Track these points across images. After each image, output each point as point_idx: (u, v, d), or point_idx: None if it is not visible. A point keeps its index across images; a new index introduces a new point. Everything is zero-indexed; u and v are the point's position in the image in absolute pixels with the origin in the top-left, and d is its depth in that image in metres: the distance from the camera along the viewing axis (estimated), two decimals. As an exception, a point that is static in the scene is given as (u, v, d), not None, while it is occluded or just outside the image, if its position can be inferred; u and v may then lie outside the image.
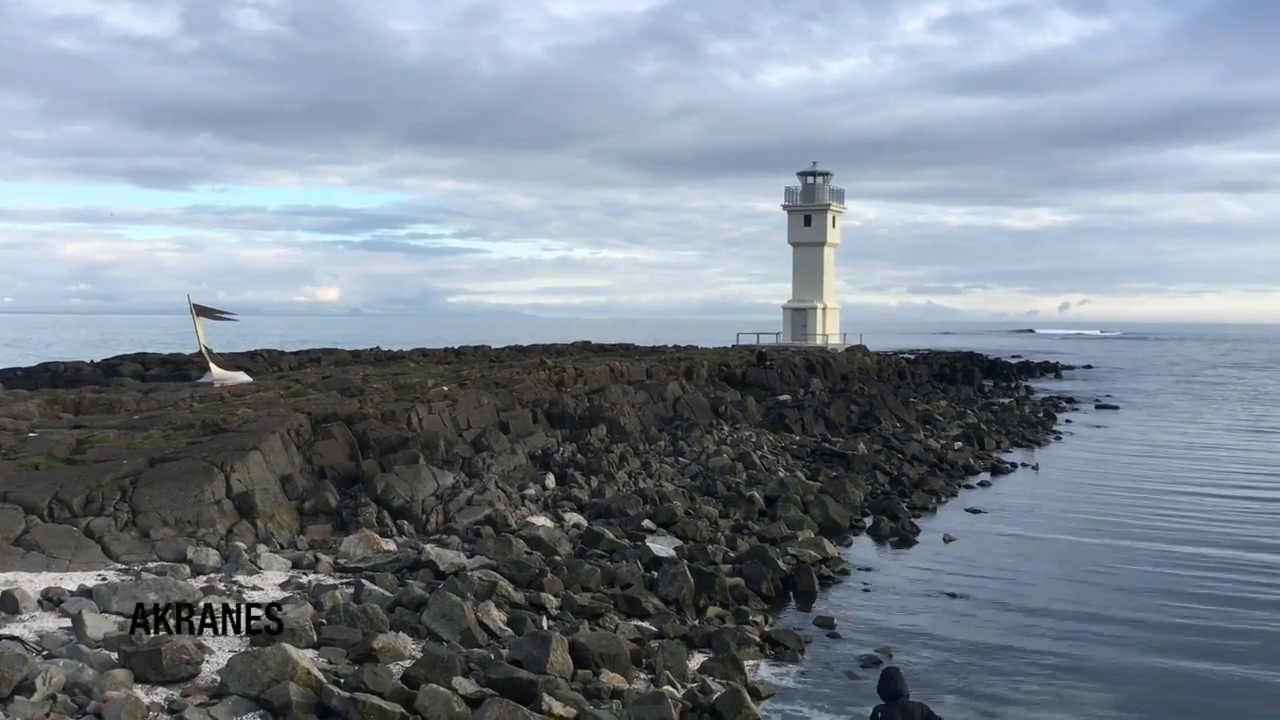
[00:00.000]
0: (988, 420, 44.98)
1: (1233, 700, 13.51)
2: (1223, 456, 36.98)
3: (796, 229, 69.60)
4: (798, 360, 53.33)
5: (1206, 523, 24.86)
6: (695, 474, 26.95)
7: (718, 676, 13.21)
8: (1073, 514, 26.04)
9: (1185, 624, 16.77)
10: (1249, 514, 26.00)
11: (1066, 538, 23.31)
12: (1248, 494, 28.97)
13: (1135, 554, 21.61)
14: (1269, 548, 22.19)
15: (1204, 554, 21.59)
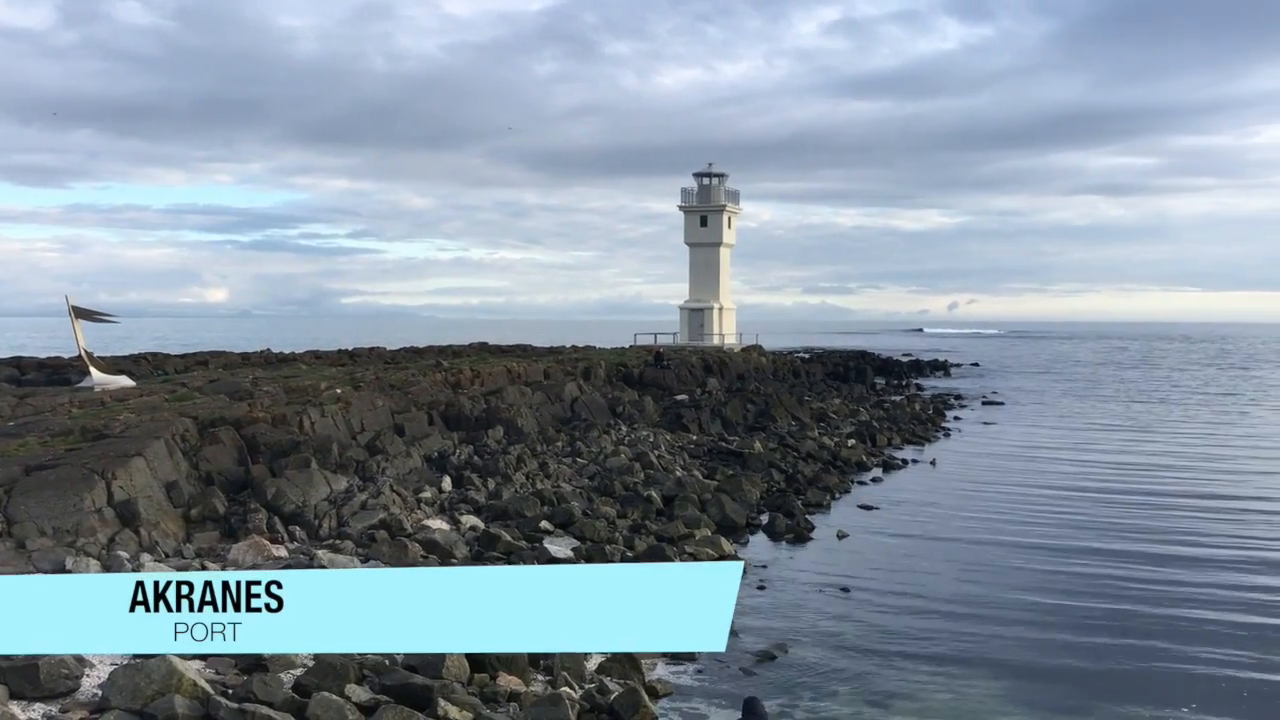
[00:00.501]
0: (880, 418, 45.91)
1: (1114, 689, 14.00)
2: (1101, 453, 38.34)
3: (693, 230, 70.13)
4: (695, 360, 53.74)
5: (1088, 518, 25.72)
6: (593, 474, 26.96)
7: (615, 677, 13.24)
8: (962, 509, 26.74)
9: (1068, 617, 17.35)
10: (1128, 509, 27.00)
11: (957, 532, 23.92)
12: (1126, 490, 30.07)
13: (1022, 549, 22.27)
14: (1148, 540, 23.08)
15: (1087, 548, 22.36)
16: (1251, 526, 24.10)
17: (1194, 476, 31.86)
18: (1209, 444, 40.15)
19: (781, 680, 13.89)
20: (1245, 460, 35.55)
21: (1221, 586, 18.90)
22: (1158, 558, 21.14)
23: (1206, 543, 22.40)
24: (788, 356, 72.19)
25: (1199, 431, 44.76)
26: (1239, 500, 27.55)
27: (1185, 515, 25.47)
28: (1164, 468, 33.61)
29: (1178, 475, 31.88)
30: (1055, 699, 13.53)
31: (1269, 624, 16.64)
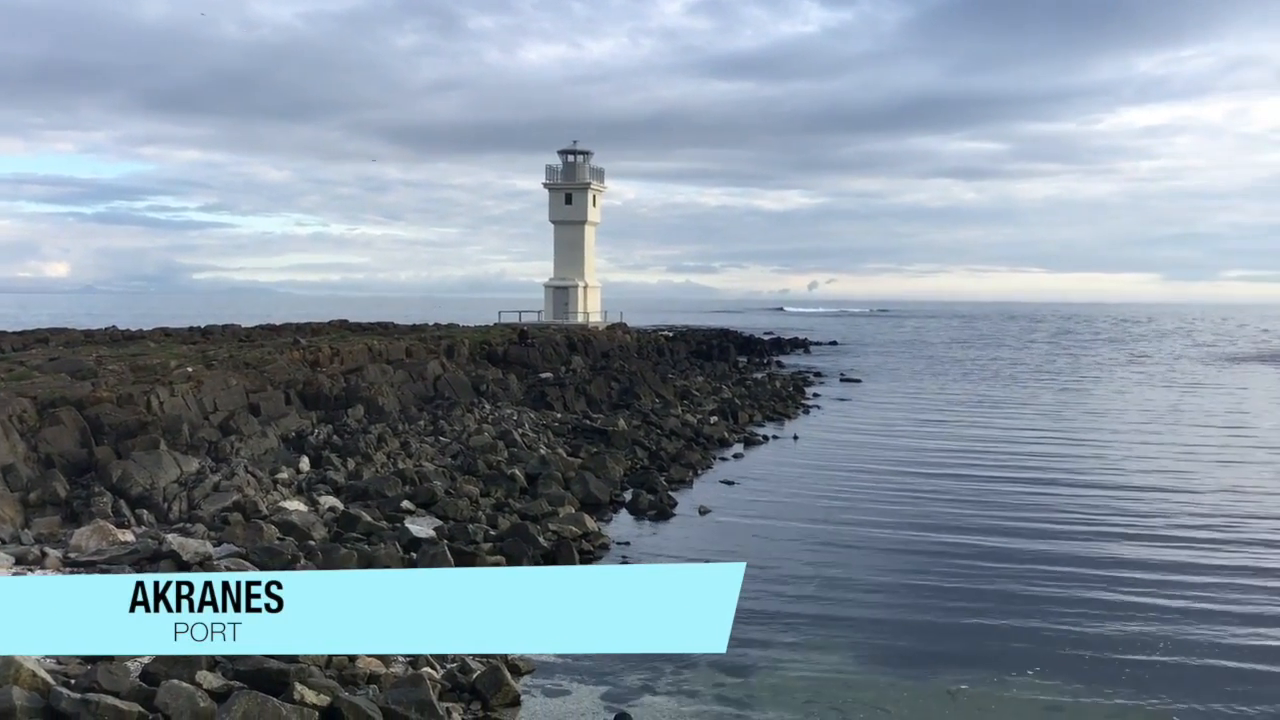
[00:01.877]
0: (742, 395, 46.65)
1: (967, 657, 14.59)
2: (953, 429, 39.78)
3: (558, 207, 69.88)
4: (559, 338, 53.63)
5: (941, 492, 26.66)
6: (456, 453, 26.71)
7: (478, 655, 13.17)
8: (821, 484, 27.42)
9: (922, 588, 18.00)
10: (978, 484, 28.10)
11: (815, 507, 24.52)
12: (976, 466, 31.30)
13: (878, 523, 22.95)
14: (998, 513, 24.07)
15: (940, 521, 23.20)
16: (1094, 499, 25.29)
17: (1040, 452, 33.32)
18: (1053, 421, 42.04)
19: (645, 656, 14.02)
20: (1087, 436, 37.33)
21: (1067, 559, 19.84)
22: (1007, 530, 22.05)
23: (1053, 517, 23.45)
24: (652, 334, 72.69)
25: (1043, 408, 46.84)
26: (1082, 475, 28.91)
27: (1031, 490, 26.60)
28: (1012, 443, 35.05)
29: (1025, 451, 33.27)
30: (910, 667, 14.02)
31: (1112, 597, 17.54)
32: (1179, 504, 24.59)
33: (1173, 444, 34.94)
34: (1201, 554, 19.86)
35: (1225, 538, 21.09)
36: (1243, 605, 16.70)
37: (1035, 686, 13.30)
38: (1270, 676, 13.75)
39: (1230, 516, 23.19)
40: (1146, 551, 20.08)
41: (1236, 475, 28.69)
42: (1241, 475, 28.70)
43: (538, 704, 12.47)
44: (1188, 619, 15.93)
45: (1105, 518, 23.03)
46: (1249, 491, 26.29)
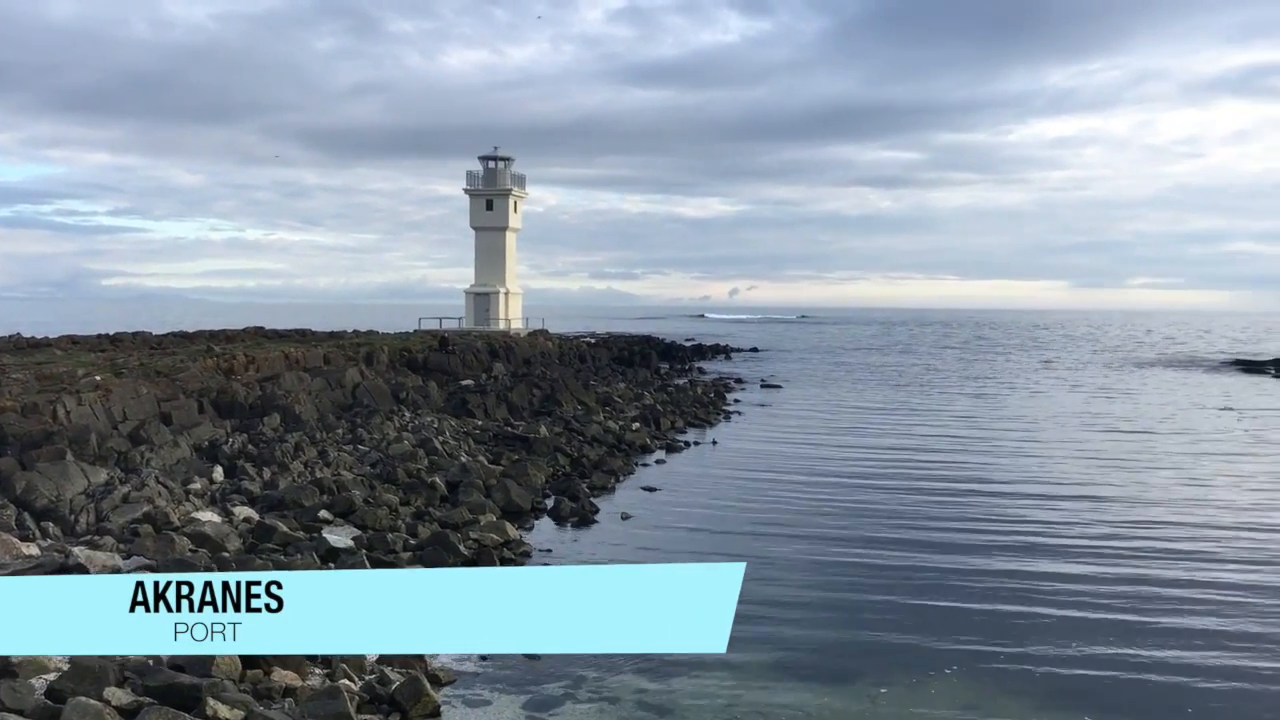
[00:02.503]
0: (663, 401, 46.81)
1: (883, 663, 14.80)
2: (872, 435, 40.36)
3: (478, 213, 69.54)
4: (480, 345, 53.29)
5: (859, 500, 27.02)
6: (375, 462, 26.38)
7: (397, 666, 13.02)
8: (741, 489, 27.62)
9: (839, 594, 18.23)
10: (896, 485, 28.53)
11: (735, 512, 24.69)
12: (893, 472, 31.81)
13: (797, 528, 23.18)
14: (914, 514, 24.49)
15: (859, 531, 23.53)
16: (1008, 507, 25.75)
17: (954, 460, 33.94)
18: (968, 427, 42.82)
19: (565, 665, 13.98)
20: (1001, 443, 38.09)
21: (983, 565, 20.23)
22: (924, 538, 22.41)
23: (967, 524, 23.81)
24: (574, 341, 72.60)
25: (959, 415, 47.70)
26: (996, 483, 29.47)
27: (947, 497, 26.98)
28: (928, 450, 35.64)
29: (940, 459, 33.81)
30: (830, 673, 14.14)
31: (1026, 603, 17.92)
32: (1089, 512, 25.22)
33: (1083, 450, 35.84)
34: (1110, 564, 20.38)
35: (1135, 547, 21.62)
36: (1150, 616, 17.16)
37: (953, 688, 13.53)
38: (1172, 687, 14.13)
39: (1139, 524, 23.84)
40: (1058, 560, 20.55)
41: (1144, 481, 29.52)
42: (1149, 481, 29.52)
43: (458, 714, 12.36)
44: (1098, 626, 16.33)
45: (1019, 525, 23.48)
46: (1157, 499, 27.06)
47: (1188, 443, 37.39)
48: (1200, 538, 22.00)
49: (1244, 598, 17.58)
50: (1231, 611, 16.79)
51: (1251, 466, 31.88)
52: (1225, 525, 23.32)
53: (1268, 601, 17.39)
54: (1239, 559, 20.21)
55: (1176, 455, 34.22)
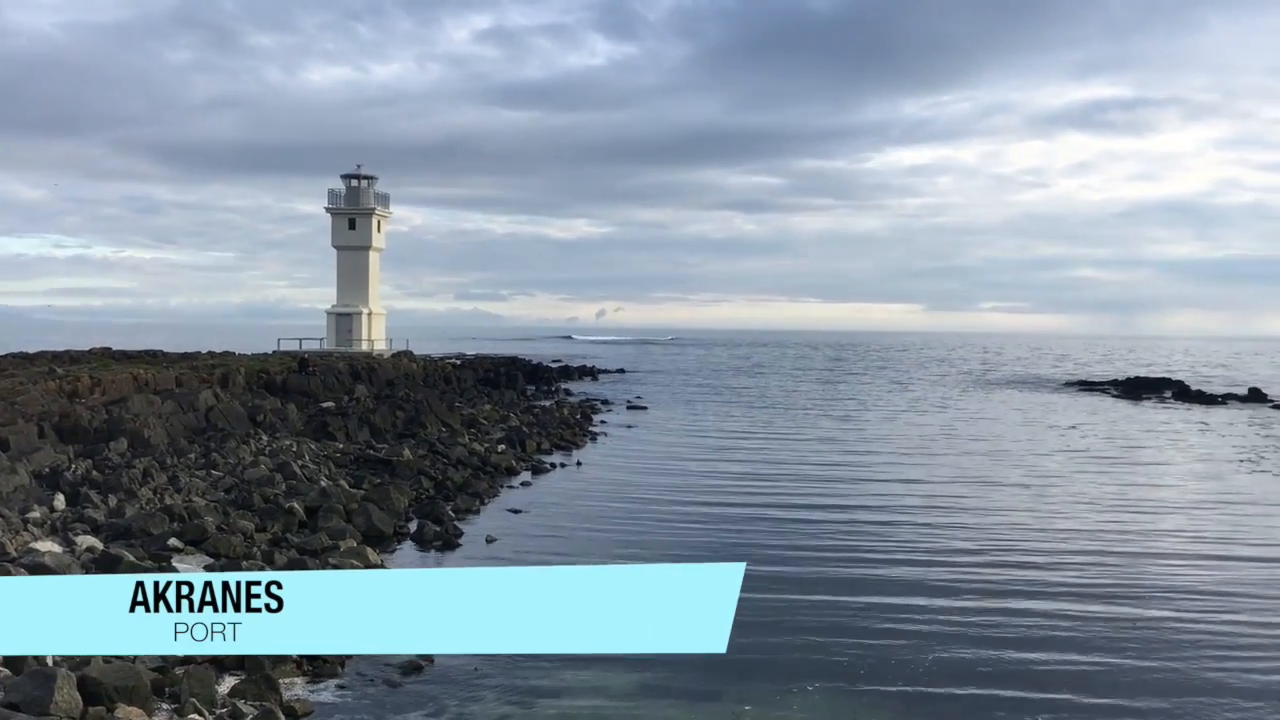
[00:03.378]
0: (529, 423, 46.55)
1: (748, 667, 14.92)
2: (736, 453, 40.91)
3: (341, 232, 68.27)
4: (342, 366, 52.17)
5: (725, 514, 27.37)
6: (229, 487, 25.51)
7: (250, 699, 12.57)
8: (606, 511, 27.62)
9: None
10: (759, 505, 28.97)
11: (600, 533, 24.68)
12: (757, 487, 32.31)
13: (662, 546, 23.31)
14: (778, 533, 24.88)
15: (722, 539, 23.81)
16: (868, 523, 26.41)
17: (816, 476, 34.72)
18: (829, 447, 43.77)
19: (428, 691, 13.73)
20: (860, 462, 39.06)
21: (843, 579, 20.67)
22: (784, 554, 22.76)
23: (828, 541, 24.36)
24: (439, 362, 71.71)
25: (820, 435, 48.72)
26: (854, 499, 30.19)
27: (809, 516, 27.48)
28: (790, 470, 36.34)
29: (803, 474, 34.53)
30: (693, 692, 14.17)
31: (884, 615, 18.33)
32: (947, 528, 26.04)
33: (939, 467, 37.02)
34: (969, 573, 21.06)
35: (990, 560, 22.42)
36: (1001, 628, 17.76)
37: (814, 702, 13.74)
38: (1028, 701, 14.63)
39: (992, 538, 24.74)
40: (917, 572, 21.13)
41: (994, 498, 30.67)
42: (999, 498, 30.67)
43: (315, 747, 11.99)
44: (954, 638, 16.81)
45: (878, 540, 24.10)
46: (1008, 513, 28.12)
47: (1035, 460, 38.99)
48: (1049, 550, 22.91)
49: (1092, 601, 18.35)
50: (1080, 614, 17.51)
51: (1091, 487, 33.40)
52: (1070, 532, 24.35)
53: (1116, 606, 18.20)
54: (1085, 563, 21.11)
55: (1026, 471, 35.63)
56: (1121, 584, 20.08)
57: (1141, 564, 21.77)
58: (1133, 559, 22.25)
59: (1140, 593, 19.40)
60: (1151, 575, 20.80)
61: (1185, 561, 22.15)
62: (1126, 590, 19.61)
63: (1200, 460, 39.97)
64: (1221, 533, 25.32)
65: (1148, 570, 21.21)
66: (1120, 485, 32.89)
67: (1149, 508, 28.85)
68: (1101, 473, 35.77)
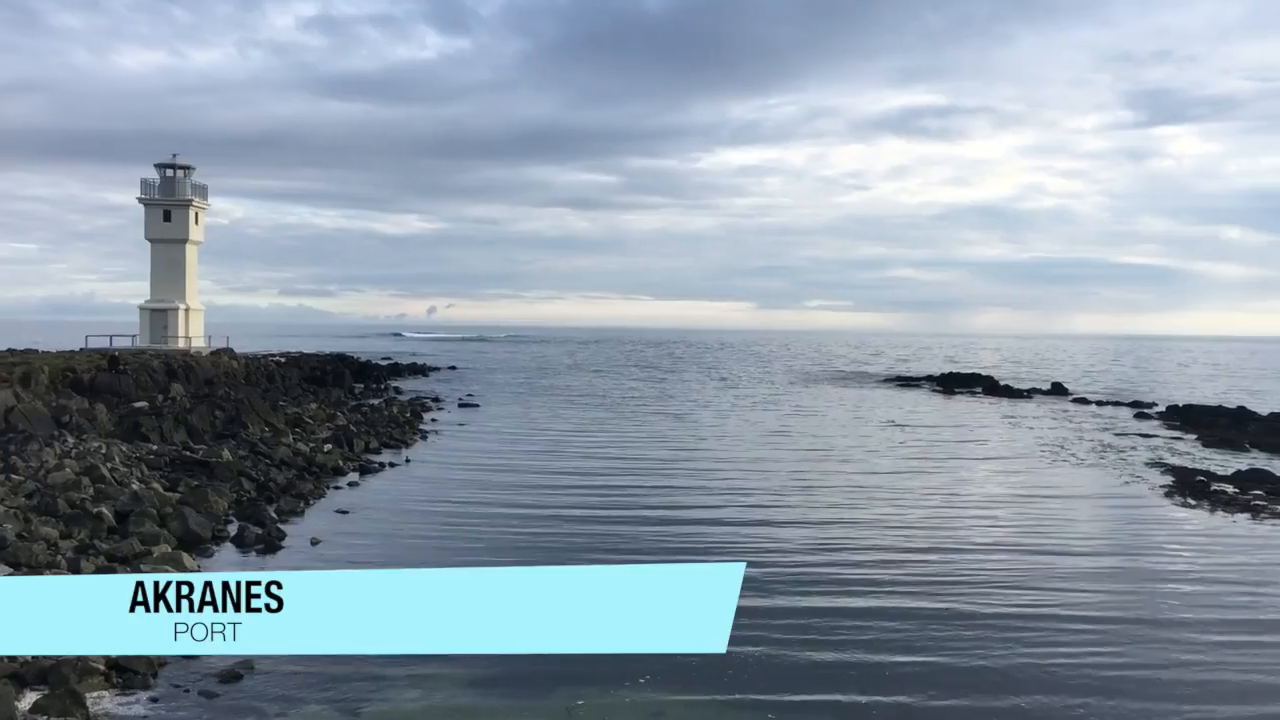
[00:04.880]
0: (357, 422, 45.50)
1: (581, 661, 14.89)
2: (569, 451, 40.96)
3: (155, 225, 65.22)
4: (156, 364, 49.83)
5: (557, 510, 27.34)
6: (31, 492, 24.01)
7: (54, 715, 11.87)
8: (436, 510, 27.21)
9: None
10: (591, 501, 29.07)
11: (429, 533, 24.31)
12: (588, 483, 32.47)
13: (493, 547, 23.11)
14: (608, 528, 25.01)
15: (553, 534, 23.79)
16: (701, 525, 26.84)
17: (649, 479, 35.04)
18: (662, 447, 44.26)
19: (246, 701, 13.23)
20: (693, 463, 39.66)
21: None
22: (614, 546, 22.93)
23: (657, 530, 24.74)
24: (262, 360, 69.27)
25: (654, 434, 49.22)
26: (687, 503, 30.60)
27: (642, 519, 27.72)
28: (623, 470, 36.53)
29: (635, 478, 34.73)
30: (526, 688, 14.06)
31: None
32: (772, 522, 26.71)
33: (769, 464, 37.95)
34: (794, 566, 21.64)
35: (819, 558, 23.07)
36: (824, 630, 18.30)
37: (645, 695, 13.83)
38: (885, 706, 15.09)
39: (818, 535, 25.48)
40: (741, 554, 21.56)
41: (820, 487, 31.68)
42: (827, 495, 31.67)
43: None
44: (784, 616, 17.25)
45: (713, 540, 24.52)
46: (834, 508, 29.05)
47: (861, 456, 40.46)
48: (873, 539, 23.78)
49: (908, 597, 19.12)
50: (909, 601, 18.21)
51: (910, 480, 34.81)
52: (890, 529, 25.32)
53: (930, 600, 18.99)
54: (903, 560, 21.99)
55: (851, 467, 36.92)
56: (934, 579, 20.98)
57: (954, 558, 22.75)
58: (945, 554, 23.25)
59: (952, 588, 20.25)
60: (964, 571, 21.70)
61: (992, 555, 23.27)
62: (939, 586, 20.49)
63: (1009, 454, 42.17)
64: (1027, 524, 26.74)
65: (960, 565, 22.13)
66: (934, 479, 34.42)
67: (960, 503, 30.31)
68: (921, 471, 37.32)
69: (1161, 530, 25.97)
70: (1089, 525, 26.59)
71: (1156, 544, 24.30)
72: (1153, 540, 24.72)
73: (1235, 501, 29.77)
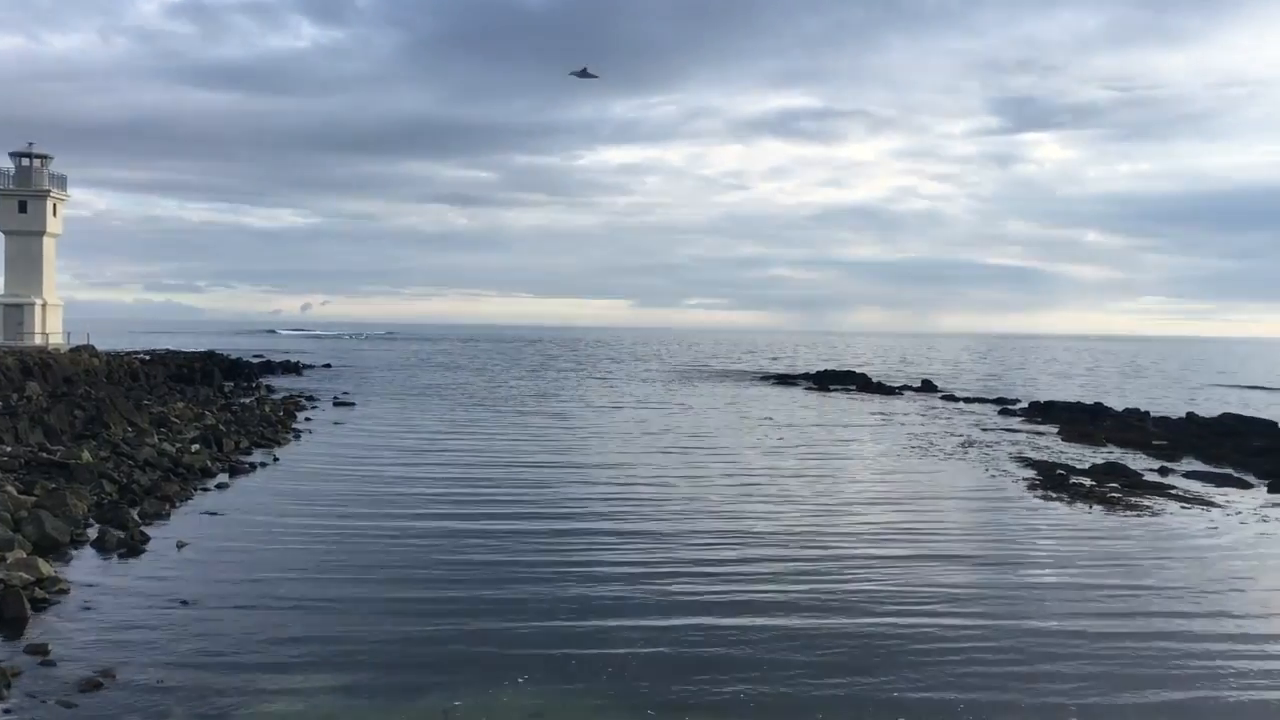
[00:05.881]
0: (227, 421, 44.19)
1: (457, 663, 14.75)
2: (447, 449, 40.52)
3: (9, 216, 62.39)
4: (10, 362, 47.62)
5: (432, 509, 27.03)
6: None
7: None
8: (310, 511, 26.57)
9: (409, 606, 17.98)
10: (467, 499, 28.84)
11: (304, 534, 23.69)
12: (465, 479, 32.18)
13: (368, 547, 22.68)
14: (480, 510, 24.82)
15: (432, 529, 23.52)
16: (580, 526, 26.80)
17: (524, 478, 34.89)
18: (539, 447, 44.11)
19: (107, 710, 12.71)
20: (573, 462, 39.61)
21: (551, 563, 20.90)
22: (488, 560, 22.69)
23: (535, 546, 24.52)
24: (125, 358, 66.81)
25: (532, 433, 49.00)
26: (565, 503, 30.53)
27: (517, 518, 27.58)
28: (501, 469, 36.34)
29: (511, 477, 34.58)
30: (401, 692, 13.82)
31: (590, 598, 18.61)
32: (653, 510, 26.87)
33: (648, 462, 38.18)
34: (673, 564, 21.78)
35: (702, 554, 23.27)
36: (724, 612, 18.47)
37: (523, 694, 13.74)
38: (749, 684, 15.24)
39: (691, 518, 25.75)
40: (622, 553, 21.71)
41: (701, 482, 32.02)
42: (705, 485, 32.04)
43: None
44: (665, 613, 17.34)
45: (590, 541, 24.51)
46: (712, 506, 29.35)
47: (738, 454, 41.01)
48: (753, 540, 24.10)
49: (779, 578, 19.46)
50: (786, 594, 18.50)
51: (789, 480, 35.42)
52: (766, 534, 25.72)
53: (812, 618, 19.33)
54: (783, 558, 22.35)
55: (729, 466, 37.40)
56: (810, 574, 21.38)
57: (830, 550, 23.25)
58: (823, 545, 23.74)
59: (828, 579, 20.70)
60: (839, 561, 22.21)
61: (865, 544, 23.86)
62: (815, 579, 20.89)
63: (881, 451, 43.28)
64: (898, 520, 27.44)
65: (835, 558, 22.62)
66: (808, 477, 35.10)
67: (834, 501, 30.96)
68: (800, 474, 37.98)
69: (1024, 522, 26.93)
70: (956, 517, 27.40)
71: (1019, 535, 25.20)
72: (1015, 532, 25.62)
73: (1092, 494, 31.08)
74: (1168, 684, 14.58)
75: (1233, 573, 21.52)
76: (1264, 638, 16.97)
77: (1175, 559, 22.74)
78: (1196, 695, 14.19)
